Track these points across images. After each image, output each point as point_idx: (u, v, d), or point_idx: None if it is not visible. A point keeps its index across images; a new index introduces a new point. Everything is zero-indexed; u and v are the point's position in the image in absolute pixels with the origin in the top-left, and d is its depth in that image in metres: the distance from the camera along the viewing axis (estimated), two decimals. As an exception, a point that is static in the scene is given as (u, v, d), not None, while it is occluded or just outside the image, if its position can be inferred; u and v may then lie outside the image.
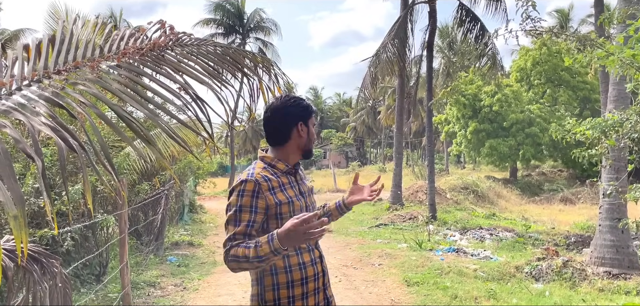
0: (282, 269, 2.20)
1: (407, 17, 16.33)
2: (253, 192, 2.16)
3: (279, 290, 2.20)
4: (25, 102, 1.90)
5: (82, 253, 6.26)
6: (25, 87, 2.03)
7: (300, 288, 2.22)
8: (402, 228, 13.35)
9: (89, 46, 2.26)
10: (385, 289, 7.25)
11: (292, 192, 2.29)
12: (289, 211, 2.22)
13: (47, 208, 2.54)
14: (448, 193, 20.52)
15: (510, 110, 26.31)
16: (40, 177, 1.70)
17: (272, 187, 2.21)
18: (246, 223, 2.14)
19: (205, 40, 2.69)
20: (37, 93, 1.97)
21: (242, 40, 36.94)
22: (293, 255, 2.22)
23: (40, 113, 1.87)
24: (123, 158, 7.75)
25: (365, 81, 16.93)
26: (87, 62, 2.19)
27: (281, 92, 2.44)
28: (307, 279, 2.24)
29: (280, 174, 2.29)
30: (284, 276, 2.20)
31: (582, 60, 5.19)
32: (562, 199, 22.39)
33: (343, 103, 72.80)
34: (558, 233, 12.58)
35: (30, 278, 2.65)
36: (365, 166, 54.69)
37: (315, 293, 2.28)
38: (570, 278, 7.55)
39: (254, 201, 2.16)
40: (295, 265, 2.22)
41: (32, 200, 5.43)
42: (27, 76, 2.10)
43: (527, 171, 31.75)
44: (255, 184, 2.17)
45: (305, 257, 2.26)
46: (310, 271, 2.26)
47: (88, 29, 2.33)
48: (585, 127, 5.67)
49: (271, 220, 2.20)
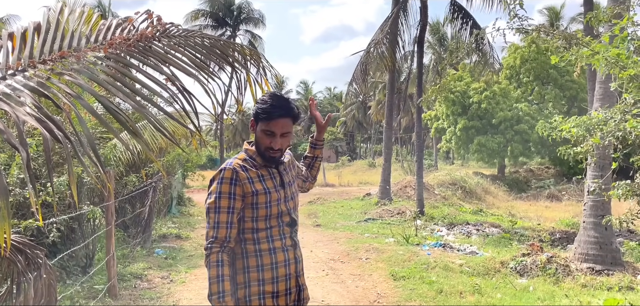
0: (252, 253, 2.31)
1: (399, 13, 16.37)
2: (231, 180, 2.27)
3: (250, 273, 2.30)
4: (9, 91, 1.89)
5: (69, 244, 6.22)
6: (10, 76, 2.01)
7: (270, 272, 2.31)
8: (390, 223, 13.42)
9: (75, 36, 2.25)
10: (371, 283, 7.29)
11: (270, 183, 2.37)
12: (265, 201, 2.32)
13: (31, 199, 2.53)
14: (436, 188, 20.64)
15: (499, 107, 26.49)
16: (25, 168, 1.70)
17: (250, 177, 2.32)
18: (226, 210, 2.26)
19: (193, 31, 2.68)
20: (22, 83, 1.96)
21: (233, 32, 36.79)
22: (263, 241, 2.32)
23: (25, 103, 1.86)
24: (110, 150, 7.71)
25: (355, 75, 16.95)
26: (73, 52, 2.17)
27: (268, 86, 2.45)
28: (277, 264, 2.33)
29: (259, 166, 2.39)
30: (255, 260, 2.31)
31: (569, 58, 5.25)
32: (548, 196, 22.62)
33: (334, 98, 72.79)
34: (543, 229, 12.72)
35: (14, 269, 2.63)
36: (355, 161, 54.79)
37: (287, 279, 2.36)
38: (554, 274, 7.65)
39: (232, 188, 2.27)
40: (265, 250, 2.31)
41: (17, 191, 5.38)
42: (11, 65, 2.09)
43: (515, 168, 32.02)
44: (232, 172, 2.29)
45: (276, 243, 2.35)
46: (281, 256, 2.34)
47: (74, 18, 2.31)
48: (570, 125, 5.73)
49: (247, 209, 2.31)
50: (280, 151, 2.38)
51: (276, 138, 2.33)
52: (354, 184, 29.44)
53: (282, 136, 2.35)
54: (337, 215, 15.54)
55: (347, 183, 29.99)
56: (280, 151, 2.38)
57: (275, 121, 2.32)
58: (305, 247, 10.03)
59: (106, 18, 2.55)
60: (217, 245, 2.24)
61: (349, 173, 37.62)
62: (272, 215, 2.35)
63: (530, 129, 25.01)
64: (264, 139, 2.34)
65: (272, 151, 2.35)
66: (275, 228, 2.36)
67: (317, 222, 13.96)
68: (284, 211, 2.40)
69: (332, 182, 30.22)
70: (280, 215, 2.38)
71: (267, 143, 2.34)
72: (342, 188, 27.45)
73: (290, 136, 2.40)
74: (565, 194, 22.13)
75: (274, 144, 2.33)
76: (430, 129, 32.73)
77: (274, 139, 2.32)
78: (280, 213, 2.38)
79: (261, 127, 2.35)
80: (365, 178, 32.57)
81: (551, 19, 38.17)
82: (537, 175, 29.65)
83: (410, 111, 44.31)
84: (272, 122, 2.32)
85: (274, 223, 2.36)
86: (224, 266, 2.22)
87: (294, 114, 2.38)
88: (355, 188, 26.78)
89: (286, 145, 2.41)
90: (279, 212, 2.37)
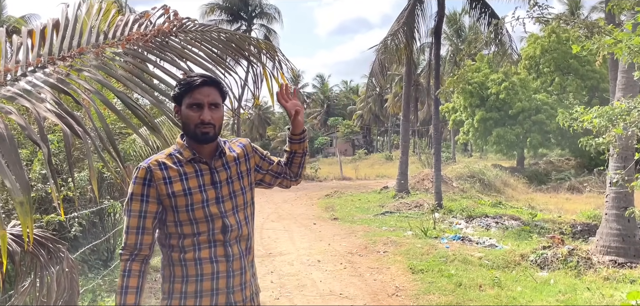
0: (177, 261, 2.07)
1: (415, 4, 16.24)
2: (144, 180, 2.02)
3: (174, 283, 2.08)
4: (30, 88, 1.91)
5: (90, 238, 6.32)
6: (31, 73, 2.04)
7: (194, 285, 2.05)
8: (408, 216, 13.36)
9: (93, 32, 2.27)
10: (390, 276, 7.27)
11: (194, 183, 2.07)
12: (185, 203, 2.04)
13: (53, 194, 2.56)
14: (454, 181, 20.48)
15: (517, 98, 26.14)
16: (47, 163, 1.72)
17: (168, 176, 2.04)
18: (137, 214, 2.02)
19: (209, 26, 2.69)
20: (42, 79, 1.98)
21: (248, 27, 36.90)
22: (189, 249, 2.06)
23: (45, 99, 1.88)
24: (129, 145, 7.79)
25: (374, 69, 16.90)
26: (91, 49, 2.19)
27: (284, 79, 2.42)
28: (202, 277, 2.06)
29: (185, 162, 2.08)
30: (180, 270, 2.07)
31: (590, 47, 5.15)
32: (569, 188, 22.28)
33: (350, 91, 72.59)
34: (564, 221, 12.54)
35: (37, 263, 2.68)
36: (371, 154, 54.66)
37: (213, 294, 2.08)
38: (576, 267, 7.54)
39: (145, 190, 2.02)
40: (190, 260, 2.06)
41: (39, 186, 5.48)
42: (32, 62, 2.11)
43: (534, 159, 31.60)
44: (146, 171, 2.03)
45: (203, 253, 2.06)
46: (207, 268, 2.06)
47: (92, 14, 2.33)
48: (592, 115, 5.63)
49: (168, 211, 2.06)
50: (213, 126, 2.05)
51: (204, 110, 2.03)
52: (371, 178, 29.37)
53: (210, 107, 2.05)
54: (354, 208, 15.52)
55: (364, 176, 29.92)
56: (213, 126, 2.05)
57: (199, 89, 2.04)
58: (323, 240, 10.05)
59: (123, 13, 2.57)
60: (127, 253, 2.02)
61: (366, 166, 37.53)
62: (198, 220, 2.05)
63: (549, 120, 24.66)
64: (191, 116, 2.03)
65: (203, 126, 2.03)
66: (204, 234, 2.06)
67: (335, 215, 13.96)
68: (214, 215, 2.07)
69: (349, 175, 30.19)
70: (209, 219, 2.07)
71: (196, 118, 2.03)
72: (359, 181, 27.42)
73: (221, 110, 2.11)
74: (586, 186, 21.79)
75: (204, 117, 2.02)
76: (448, 121, 32.46)
77: (202, 111, 2.02)
78: (209, 217, 2.06)
79: (186, 104, 2.05)
80: (382, 171, 32.47)
81: (571, 8, 37.49)
82: (557, 167, 29.21)
83: (427, 103, 43.98)
84: (195, 91, 2.04)
85: (202, 228, 2.06)
86: (130, 276, 2.00)
87: (218, 83, 2.12)
88: (373, 181, 26.72)
89: (219, 120, 2.09)
90: (207, 216, 2.06)
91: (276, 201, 17.36)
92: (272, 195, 19.10)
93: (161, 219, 2.08)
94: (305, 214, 14.61)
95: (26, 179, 1.63)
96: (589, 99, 25.61)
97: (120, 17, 2.40)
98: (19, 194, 1.56)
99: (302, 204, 17.11)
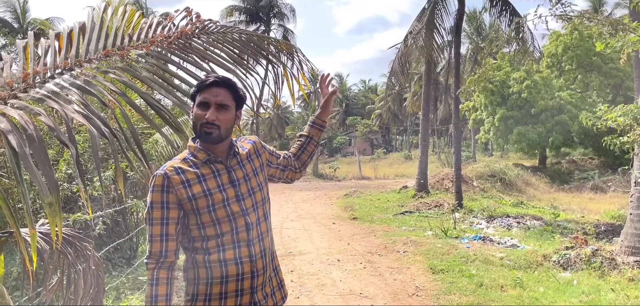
0: (202, 264, 2.06)
1: (436, 2, 16.13)
2: (162, 187, 2.02)
3: (198, 286, 2.07)
4: (58, 90, 1.96)
5: (114, 237, 6.43)
6: (58, 75, 2.09)
7: (218, 287, 2.05)
8: (428, 216, 13.28)
9: (118, 34, 2.32)
10: (410, 276, 7.25)
11: (213, 183, 2.07)
12: (207, 204, 2.04)
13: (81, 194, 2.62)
14: (475, 180, 20.28)
15: (540, 96, 25.75)
16: (75, 163, 1.76)
17: (187, 180, 2.04)
18: (159, 221, 2.02)
19: (230, 27, 2.72)
20: (70, 81, 2.03)
21: (267, 27, 37.08)
22: (214, 251, 2.05)
23: (72, 101, 1.92)
24: (151, 145, 7.90)
25: (394, 68, 16.84)
26: (116, 51, 2.24)
27: (305, 79, 2.44)
28: (227, 279, 2.06)
29: (201, 164, 2.09)
30: (204, 272, 2.06)
31: (614, 45, 5.06)
32: (592, 188, 21.87)
33: (368, 90, 72.39)
34: (588, 221, 12.33)
35: (64, 261, 2.74)
36: (390, 153, 54.43)
37: (237, 295, 2.08)
38: (599, 268, 7.41)
39: (164, 197, 2.02)
40: (215, 262, 2.05)
41: (65, 185, 5.60)
42: (59, 65, 2.17)
43: (556, 159, 31.10)
44: (164, 178, 2.03)
45: (228, 254, 2.06)
46: (232, 270, 2.06)
47: (117, 17, 2.38)
48: (616, 113, 5.53)
49: (190, 215, 2.06)
50: (217, 126, 2.04)
51: (211, 109, 2.03)
52: (390, 177, 29.27)
53: (218, 108, 2.04)
54: (373, 208, 15.48)
55: (383, 176, 29.83)
56: (217, 127, 2.04)
57: (209, 89, 2.05)
58: (342, 240, 10.06)
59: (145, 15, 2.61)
60: (153, 262, 2.01)
61: (385, 165, 37.41)
62: (220, 219, 2.05)
63: (571, 120, 24.26)
64: (198, 115, 2.05)
65: (207, 126, 2.03)
66: (228, 234, 2.06)
67: (354, 215, 13.95)
68: (236, 213, 2.08)
69: (368, 175, 30.14)
70: (232, 218, 2.07)
71: (202, 117, 2.03)
72: (378, 180, 27.35)
73: (230, 112, 2.08)
74: (610, 185, 21.38)
75: (209, 116, 2.02)
76: (468, 120, 32.15)
77: (208, 110, 2.03)
78: (231, 216, 2.07)
79: (196, 102, 2.08)
80: (402, 170, 32.32)
81: (594, 5, 36.77)
82: (580, 166, 28.71)
83: (446, 102, 43.64)
84: (205, 91, 2.05)
85: (226, 228, 2.06)
86: (158, 285, 1.99)
87: (231, 84, 2.11)
88: (392, 180, 26.62)
89: (226, 122, 2.07)
90: (229, 215, 2.07)
91: (295, 201, 17.43)
92: (291, 194, 19.17)
93: (184, 224, 2.08)
94: (325, 213, 14.63)
95: (55, 179, 1.67)
96: (613, 97, 25.11)
97: (144, 20, 2.44)
98: (48, 194, 1.60)
99: (321, 204, 17.14)
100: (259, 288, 2.14)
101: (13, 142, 1.63)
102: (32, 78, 2.02)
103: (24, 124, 1.69)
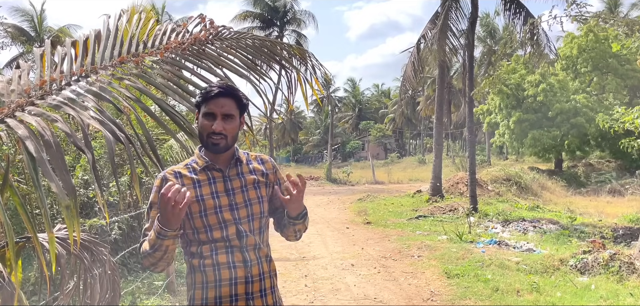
0: (197, 268, 2.11)
1: (450, 5, 16.06)
2: (160, 188, 2.04)
3: (195, 290, 2.12)
4: (74, 97, 1.99)
5: (129, 242, 6.48)
6: (74, 82, 2.12)
7: (213, 290, 2.09)
8: (442, 220, 13.19)
9: (133, 41, 2.34)
10: (424, 281, 7.20)
11: (207, 190, 2.12)
12: (199, 210, 2.09)
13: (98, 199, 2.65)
14: (490, 184, 20.11)
15: (555, 99, 25.46)
16: (92, 169, 1.78)
17: (182, 184, 2.06)
18: (153, 220, 2.07)
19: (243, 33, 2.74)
20: (85, 88, 2.06)
21: (280, 32, 37.22)
22: (207, 255, 2.09)
23: (88, 107, 1.95)
24: (166, 151, 7.96)
25: (406, 73, 16.80)
26: (131, 58, 2.26)
27: (319, 84, 2.44)
28: (220, 282, 2.09)
29: (199, 170, 2.15)
30: (200, 276, 2.11)
31: (631, 46, 4.99)
32: (610, 191, 21.57)
33: (381, 94, 72.23)
34: (605, 225, 12.14)
35: (81, 266, 2.77)
36: (404, 158, 54.23)
37: (232, 299, 2.10)
38: (618, 272, 7.29)
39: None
40: (209, 266, 2.09)
41: (81, 191, 5.66)
42: (75, 72, 2.19)
43: (573, 162, 30.71)
44: (162, 180, 2.10)
45: (221, 258, 2.09)
46: (225, 274, 2.09)
47: (132, 24, 2.40)
48: (634, 115, 5.45)
49: (185, 219, 2.10)
50: (224, 137, 2.08)
51: (217, 120, 2.06)
52: (403, 181, 29.15)
53: (224, 118, 2.07)
54: (387, 212, 15.42)
55: (396, 180, 29.72)
56: (224, 137, 2.08)
57: (214, 100, 2.07)
58: (356, 244, 10.03)
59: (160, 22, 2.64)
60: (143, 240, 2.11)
61: (399, 169, 37.27)
62: (211, 226, 2.09)
63: (588, 122, 23.94)
64: (204, 125, 2.09)
65: (214, 136, 2.06)
66: (220, 241, 2.09)
67: (367, 219, 13.90)
68: (228, 221, 2.10)
69: (382, 179, 30.04)
70: (223, 225, 2.10)
71: (208, 128, 2.07)
72: (391, 185, 27.26)
73: (235, 121, 2.12)
74: (628, 188, 21.06)
75: (216, 127, 2.05)
76: (482, 123, 31.90)
77: (214, 121, 2.07)
78: (222, 223, 2.10)
79: (201, 113, 2.11)
80: (415, 174, 32.17)
81: (610, 6, 36.34)
82: (597, 169, 28.32)
83: (461, 105, 43.36)
84: (210, 101, 2.08)
85: (216, 234, 2.09)
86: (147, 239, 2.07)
87: (236, 94, 2.13)
88: (405, 184, 26.50)
89: (232, 131, 2.11)
90: (220, 222, 2.10)
91: (308, 205, 17.30)
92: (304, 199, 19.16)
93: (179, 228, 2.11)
94: (338, 218, 14.61)
95: (72, 184, 1.69)
96: (630, 100, 24.75)
97: (158, 26, 2.46)
98: (65, 198, 1.62)
99: (335, 208, 17.11)
100: (256, 295, 2.13)
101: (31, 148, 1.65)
102: (49, 85, 2.05)
103: (41, 130, 1.72)
